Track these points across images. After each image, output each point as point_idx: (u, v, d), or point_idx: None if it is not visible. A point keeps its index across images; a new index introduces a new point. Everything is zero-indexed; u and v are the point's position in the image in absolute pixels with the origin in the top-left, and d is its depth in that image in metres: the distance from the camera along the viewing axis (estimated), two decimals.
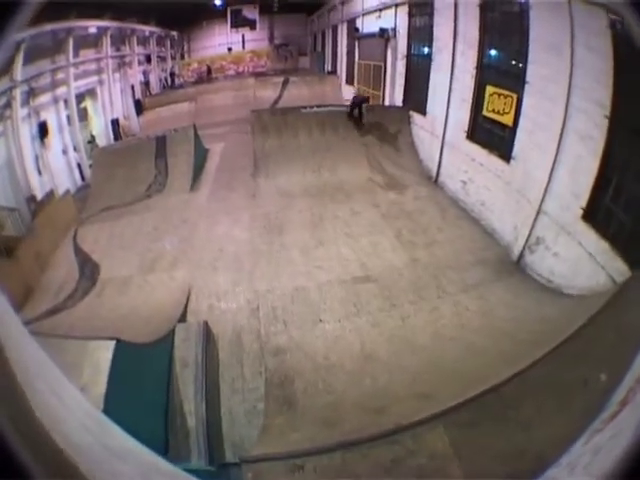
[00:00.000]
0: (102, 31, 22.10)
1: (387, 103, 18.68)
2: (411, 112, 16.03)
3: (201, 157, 15.50)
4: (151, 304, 8.33)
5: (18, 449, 1.06)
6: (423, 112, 15.12)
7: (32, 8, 1.51)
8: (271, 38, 42.40)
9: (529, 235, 9.57)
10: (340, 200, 12.23)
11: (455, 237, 10.62)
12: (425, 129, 14.99)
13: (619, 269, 7.10)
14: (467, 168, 12.47)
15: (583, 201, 8.14)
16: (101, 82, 22.43)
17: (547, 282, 8.83)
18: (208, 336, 6.98)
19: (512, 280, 9.02)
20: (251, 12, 38.89)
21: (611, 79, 7.50)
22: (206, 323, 7.23)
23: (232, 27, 39.79)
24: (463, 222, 11.49)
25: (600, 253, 7.58)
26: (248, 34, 41.03)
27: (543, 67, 9.39)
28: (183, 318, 7.72)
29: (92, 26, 20.48)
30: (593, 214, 7.99)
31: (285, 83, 28.60)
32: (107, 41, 22.80)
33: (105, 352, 4.96)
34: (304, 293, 8.33)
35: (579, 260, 8.08)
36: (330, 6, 30.03)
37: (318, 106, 15.71)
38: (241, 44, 41.61)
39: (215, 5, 33.78)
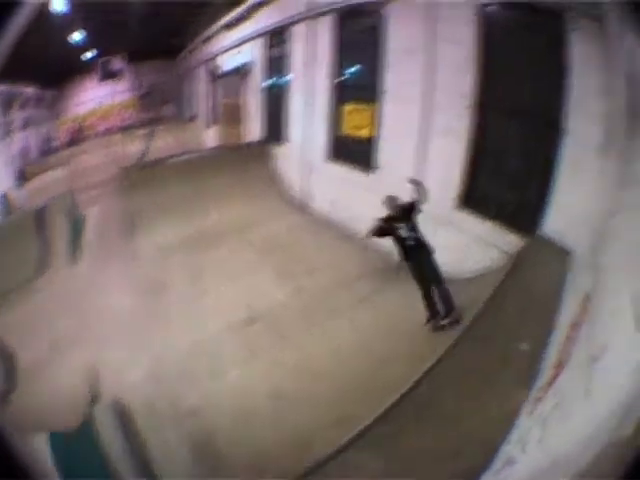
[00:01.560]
0: None
1: (249, 139, 18.03)
2: (273, 144, 15.65)
3: (79, 225, 14.13)
4: (66, 389, 7.56)
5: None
6: (284, 141, 14.84)
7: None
8: (137, 87, 40.97)
9: None
10: (216, 245, 11.71)
11: (334, 257, 10.47)
12: (288, 158, 14.67)
13: (511, 242, 7.25)
14: (334, 188, 12.24)
15: (455, 191, 8.32)
16: None
17: None
18: (123, 415, 6.51)
19: (403, 283, 8.54)
20: (119, 62, 37.10)
21: (474, 67, 7.74)
22: (117, 402, 6.74)
23: (102, 80, 37.96)
24: (339, 241, 11.25)
25: (486, 233, 7.75)
26: (116, 86, 39.32)
27: (401, 73, 9.48)
28: (95, 398, 7.06)
29: None
30: (469, 200, 8.20)
31: (150, 134, 27.82)
32: None
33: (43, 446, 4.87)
34: (200, 347, 7.83)
35: (465, 246, 8.12)
36: (193, 46, 29.18)
37: (182, 154, 15.16)
38: (111, 97, 40.10)
39: (87, 57, 32.05)
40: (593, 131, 5.95)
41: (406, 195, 8.75)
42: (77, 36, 25.33)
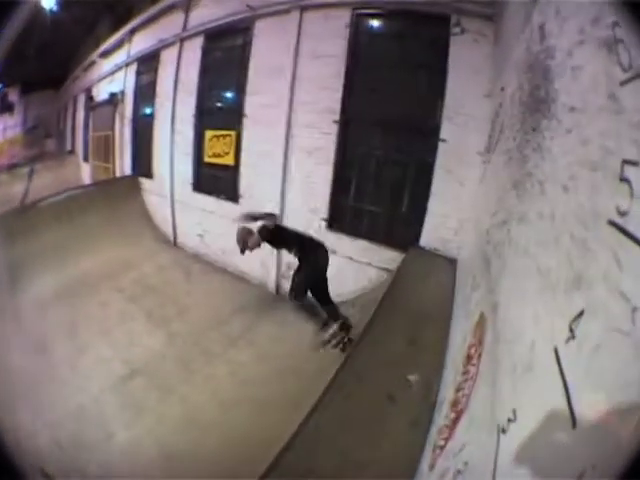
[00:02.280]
0: None
1: (118, 174, 16.92)
2: (140, 178, 14.77)
3: None
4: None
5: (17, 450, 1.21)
6: (151, 175, 13.99)
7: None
8: (24, 122, 37.95)
9: (278, 264, 9.25)
10: (87, 294, 10.85)
11: (206, 295, 10.02)
12: (155, 192, 13.84)
13: (390, 257, 7.04)
14: (200, 220, 11.70)
15: (324, 213, 8.09)
16: None
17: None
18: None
19: (277, 313, 8.64)
20: (13, 94, 33.94)
21: (342, 80, 7.53)
22: (42, 468, 5.74)
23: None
24: (210, 276, 11.00)
25: (360, 252, 7.52)
26: (8, 120, 35.93)
27: (262, 95, 9.06)
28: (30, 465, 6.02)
29: None
30: (338, 220, 7.97)
31: (31, 173, 25.23)
32: None
33: None
34: (85, 410, 7.08)
35: (340, 268, 7.67)
36: (74, 76, 27.17)
37: (56, 194, 13.82)
38: (2, 133, 36.64)
39: None
40: (474, 136, 5.90)
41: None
42: None
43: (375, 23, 7.43)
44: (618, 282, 1.17)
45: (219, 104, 10.86)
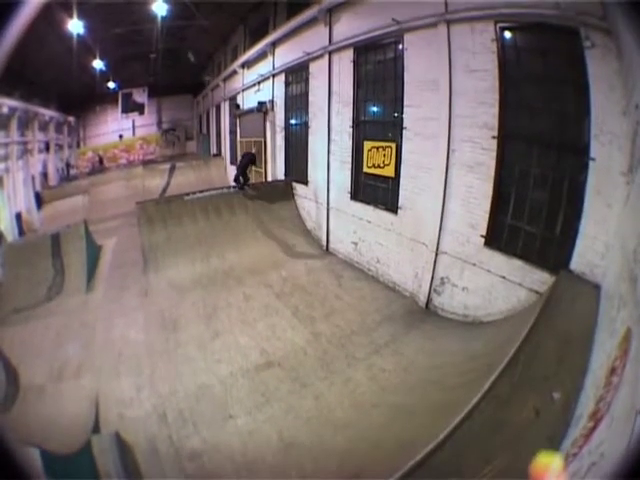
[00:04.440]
0: (12, 112, 20.44)
1: (270, 178, 18.44)
2: (294, 183, 15.89)
3: (94, 255, 14.56)
4: (66, 414, 7.49)
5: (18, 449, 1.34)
6: (305, 181, 15.00)
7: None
8: (159, 123, 41.57)
9: (432, 278, 9.38)
10: (231, 286, 11.74)
11: (355, 301, 10.36)
12: (309, 198, 14.82)
13: (540, 279, 7.07)
14: (356, 228, 12.28)
15: (482, 229, 8.17)
16: (7, 170, 20.49)
17: (463, 317, 8.58)
18: (123, 447, 6.36)
19: (426, 327, 8.74)
20: (140, 95, 37.47)
21: (497, 95, 7.65)
22: (118, 434, 6.58)
23: (123, 112, 37.99)
24: (361, 284, 11.33)
25: (514, 272, 7.53)
26: (138, 119, 39.60)
27: (420, 108, 9.48)
28: (96, 428, 6.95)
29: (4, 104, 19.05)
30: (496, 238, 8.00)
31: (172, 170, 28.37)
32: (15, 123, 21.09)
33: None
34: (208, 390, 7.59)
35: (492, 286, 7.95)
36: (214, 85, 30.01)
37: (201, 191, 15.17)
38: (132, 130, 40.71)
39: (109, 88, 32.87)
40: (617, 155, 5.76)
41: (429, 236, 9.24)
42: (98, 64, 26.27)
43: (517, 36, 7.53)
44: None
45: (376, 116, 11.47)
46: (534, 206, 7.39)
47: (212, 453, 6.31)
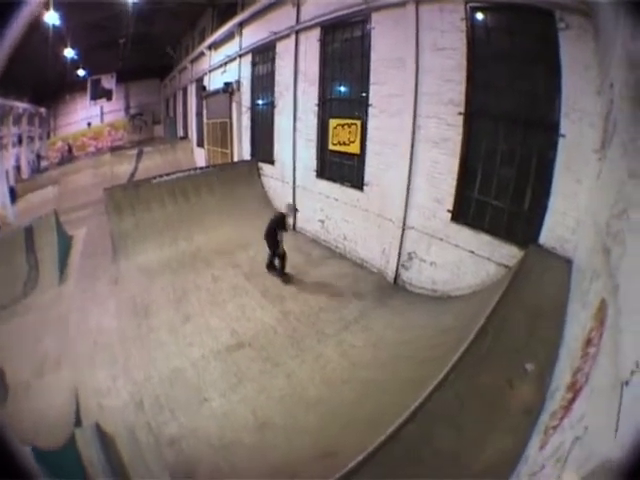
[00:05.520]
0: None
1: (237, 159, 18.00)
2: (260, 163, 15.60)
3: (65, 246, 14.24)
4: (52, 408, 7.40)
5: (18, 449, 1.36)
6: (271, 161, 14.75)
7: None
8: (127, 108, 40.14)
9: (399, 254, 9.35)
10: (200, 268, 11.63)
11: (324, 278, 10.35)
12: (275, 177, 14.60)
13: (509, 253, 7.09)
14: (322, 206, 12.14)
15: (449, 204, 8.15)
16: None
17: (432, 292, 8.58)
18: (104, 438, 6.42)
19: (394, 302, 8.75)
20: (109, 81, 35.84)
21: (464, 72, 7.58)
22: (98, 426, 6.54)
23: (91, 99, 36.33)
24: (329, 261, 11.33)
25: (482, 246, 7.54)
26: (106, 106, 38.05)
27: (386, 85, 9.36)
28: (78, 420, 6.89)
29: None
30: (463, 213, 8.00)
31: (139, 155, 27.90)
32: None
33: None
34: (181, 374, 7.54)
35: (460, 261, 7.96)
36: (181, 67, 29.27)
37: (168, 174, 14.83)
38: (100, 117, 39.53)
39: (78, 76, 31.57)
40: (589, 132, 5.78)
41: (395, 212, 9.15)
42: (69, 53, 25.29)
43: (488, 16, 7.46)
44: None
45: (342, 94, 11.29)
46: (502, 181, 7.38)
47: (189, 438, 6.30)
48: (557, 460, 2.51)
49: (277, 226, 10.12)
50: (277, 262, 10.46)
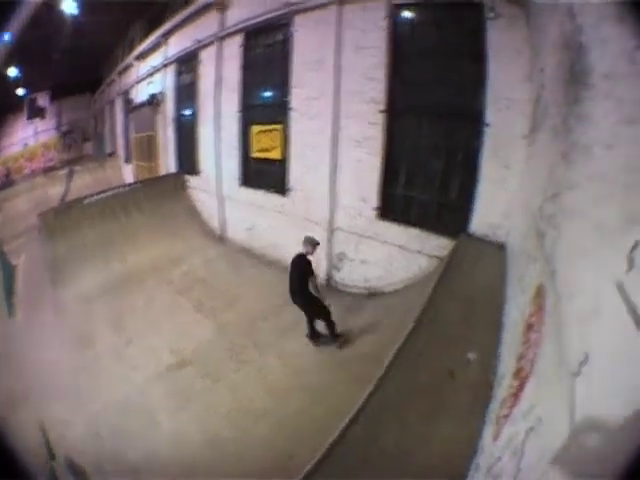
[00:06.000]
0: None
1: (163, 172, 17.13)
2: (186, 175, 15.04)
3: (9, 277, 13.41)
4: (27, 444, 6.49)
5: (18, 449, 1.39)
6: (197, 172, 14.28)
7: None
8: (58, 126, 38.36)
9: (329, 255, 9.21)
10: (136, 289, 11.17)
11: (255, 287, 10.14)
12: (201, 189, 14.11)
13: (440, 245, 7.08)
14: (248, 215, 11.83)
15: (374, 202, 8.11)
16: None
17: (366, 290, 8.48)
18: (75, 470, 6.14)
19: (329, 303, 8.32)
20: (43, 99, 33.44)
21: (385, 70, 7.56)
22: (68, 458, 6.31)
23: (28, 119, 34.01)
24: (259, 269, 11.05)
25: (411, 240, 7.53)
26: (40, 125, 35.37)
27: (307, 88, 9.21)
28: (51, 453, 6.52)
29: None
30: (389, 209, 8.00)
31: (70, 175, 26.61)
32: None
33: None
34: (131, 400, 7.26)
35: (390, 257, 7.92)
36: (109, 80, 27.76)
37: (97, 194, 14.15)
38: (34, 137, 37.24)
39: (18, 95, 29.62)
40: (518, 119, 5.87)
41: (321, 214, 9.04)
42: (12, 72, 24.08)
43: (412, 13, 7.46)
44: None
45: (264, 99, 11.00)
46: (428, 175, 7.41)
47: (148, 464, 6.07)
48: (513, 452, 2.40)
49: (301, 275, 7.08)
50: (321, 326, 7.49)
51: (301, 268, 7.04)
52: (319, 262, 9.29)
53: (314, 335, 7.49)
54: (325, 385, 6.33)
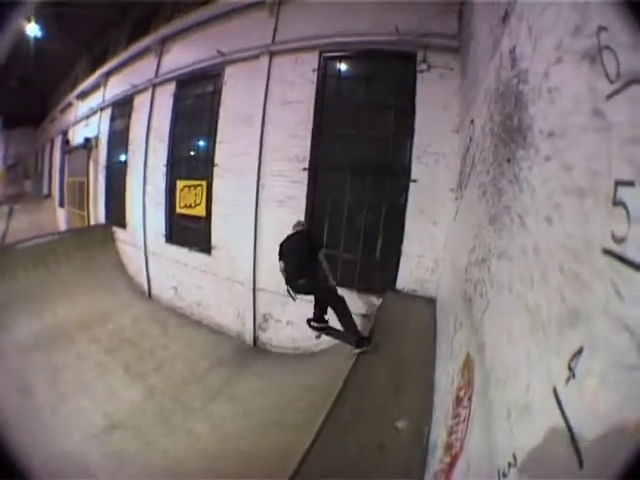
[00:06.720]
0: None
1: (92, 222, 16.29)
2: (114, 227, 14.18)
3: None
4: None
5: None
6: (124, 225, 13.47)
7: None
8: (5, 157, 34.52)
9: (254, 316, 8.90)
10: (65, 345, 10.47)
11: (183, 348, 9.72)
12: (128, 242, 13.31)
13: (367, 302, 6.88)
14: (174, 272, 11.26)
15: None
16: None
17: (294, 350, 8.20)
18: None
19: (257, 365, 8.41)
20: None
21: (310, 125, 7.50)
22: None
23: None
24: (186, 329, 10.63)
25: None
26: None
27: (232, 143, 8.99)
28: None
29: None
30: None
31: (10, 213, 24.87)
32: None
33: None
34: (71, 458, 6.75)
35: None
36: (51, 117, 25.98)
37: (30, 239, 13.46)
38: None
39: None
40: (444, 173, 5.88)
41: (245, 274, 8.89)
42: None
43: (342, 66, 7.45)
44: (620, 314, 1.07)
45: (190, 153, 10.66)
46: (351, 233, 7.25)
47: None
48: None
49: (309, 250, 5.77)
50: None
51: (304, 243, 5.84)
52: (244, 323, 9.07)
53: (319, 319, 6.22)
54: (254, 452, 5.98)
